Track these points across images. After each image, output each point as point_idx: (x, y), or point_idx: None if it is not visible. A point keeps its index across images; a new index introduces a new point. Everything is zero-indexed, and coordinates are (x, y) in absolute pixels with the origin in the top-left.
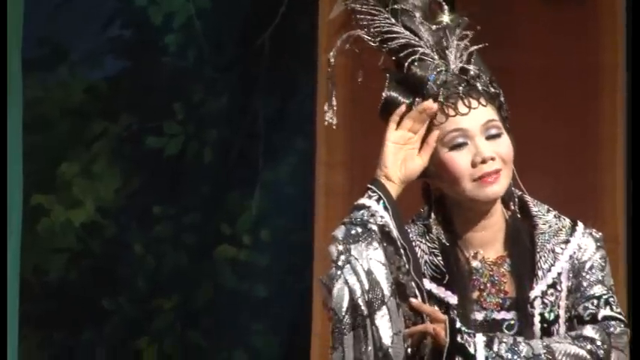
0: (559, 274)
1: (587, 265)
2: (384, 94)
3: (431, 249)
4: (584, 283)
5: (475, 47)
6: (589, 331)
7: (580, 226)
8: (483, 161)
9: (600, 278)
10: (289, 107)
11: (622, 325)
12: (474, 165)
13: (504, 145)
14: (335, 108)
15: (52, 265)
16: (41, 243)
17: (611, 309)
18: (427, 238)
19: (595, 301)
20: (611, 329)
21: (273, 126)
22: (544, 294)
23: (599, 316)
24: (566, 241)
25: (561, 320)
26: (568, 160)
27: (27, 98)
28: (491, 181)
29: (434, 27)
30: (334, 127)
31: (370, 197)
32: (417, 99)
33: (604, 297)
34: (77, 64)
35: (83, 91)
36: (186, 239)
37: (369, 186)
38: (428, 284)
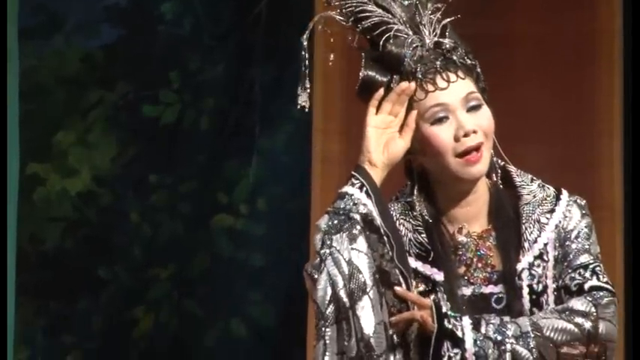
0: (545, 244)
1: (573, 234)
2: (361, 74)
3: (415, 226)
4: (571, 253)
5: (448, 20)
6: (575, 303)
7: (565, 194)
8: (466, 135)
9: (586, 247)
10: (286, 75)
11: (609, 295)
12: (456, 139)
13: (485, 117)
14: (309, 91)
15: (48, 234)
16: (37, 212)
17: (598, 279)
18: (411, 215)
19: (582, 271)
20: (598, 300)
21: (270, 94)
22: (531, 265)
23: (586, 287)
24: (552, 211)
25: (549, 290)
26: (565, 129)
27: (23, 67)
28: (474, 160)
29: (406, 2)
30: (307, 110)
31: (353, 185)
32: (394, 76)
33: (590, 266)
34: (73, 32)
35: (79, 59)
36: (182, 208)
37: (353, 173)
38: (413, 262)
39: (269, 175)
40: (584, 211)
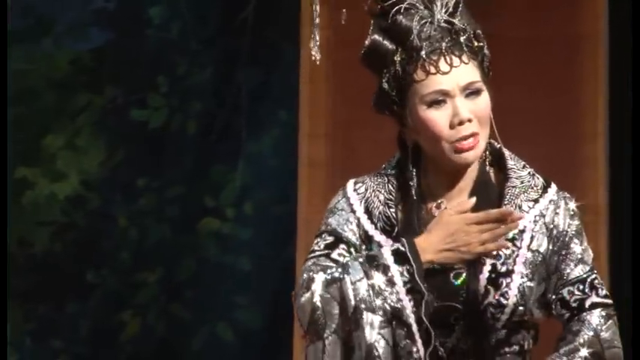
0: (521, 231)
1: (567, 238)
2: (367, 41)
3: (386, 200)
4: (565, 263)
5: None
6: (577, 337)
7: (553, 187)
8: (461, 123)
9: (580, 255)
10: (273, 80)
11: (609, 310)
12: (452, 126)
13: (483, 103)
14: (318, 44)
15: (36, 238)
16: (26, 216)
17: (597, 294)
18: (386, 188)
19: (580, 286)
20: (597, 321)
21: (257, 98)
22: None
23: (587, 305)
24: (536, 201)
25: (515, 276)
26: (549, 131)
27: (11, 70)
28: (468, 147)
29: None
30: (318, 62)
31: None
32: (399, 49)
33: (589, 279)
34: (62, 35)
35: (68, 62)
36: (170, 212)
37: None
38: (378, 236)
39: (256, 178)
40: (572, 212)
